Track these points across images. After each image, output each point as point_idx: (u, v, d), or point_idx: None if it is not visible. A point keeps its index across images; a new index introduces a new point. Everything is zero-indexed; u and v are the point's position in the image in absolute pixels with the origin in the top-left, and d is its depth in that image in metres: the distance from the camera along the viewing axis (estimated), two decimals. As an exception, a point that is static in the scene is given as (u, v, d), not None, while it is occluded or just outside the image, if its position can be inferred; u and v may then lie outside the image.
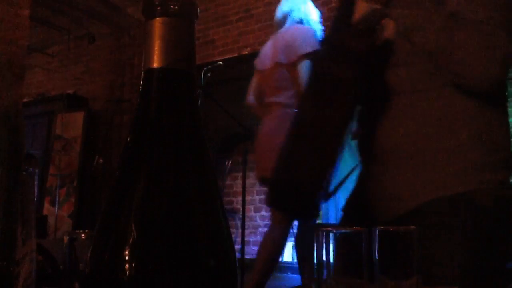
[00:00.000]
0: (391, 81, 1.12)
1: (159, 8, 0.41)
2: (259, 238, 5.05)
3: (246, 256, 3.91)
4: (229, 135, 4.78)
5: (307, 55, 2.35)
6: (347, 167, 4.31)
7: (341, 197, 4.59)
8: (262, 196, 5.10)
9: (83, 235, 0.55)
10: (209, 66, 3.13)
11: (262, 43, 5.26)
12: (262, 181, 2.57)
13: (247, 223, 4.62)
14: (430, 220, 1.00)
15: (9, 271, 0.52)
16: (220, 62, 3.21)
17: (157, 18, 0.41)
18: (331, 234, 0.57)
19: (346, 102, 1.13)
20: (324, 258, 0.56)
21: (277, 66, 2.57)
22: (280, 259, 4.72)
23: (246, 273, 3.14)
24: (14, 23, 0.74)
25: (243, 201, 2.87)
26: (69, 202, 5.78)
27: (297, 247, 2.65)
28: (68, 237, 0.55)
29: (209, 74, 3.10)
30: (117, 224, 0.39)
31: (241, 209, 2.88)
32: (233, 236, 0.43)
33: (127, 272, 0.37)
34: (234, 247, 0.42)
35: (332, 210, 4.19)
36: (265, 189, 5.29)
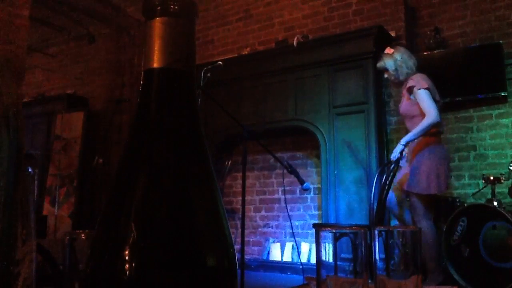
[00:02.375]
0: None
1: (159, 8, 0.41)
2: (259, 238, 5.05)
3: (246, 256, 3.91)
4: (229, 135, 4.78)
5: None
6: (348, 168, 4.29)
7: (341, 198, 4.60)
8: (262, 196, 5.10)
9: (83, 235, 0.55)
10: (209, 66, 3.13)
11: (262, 43, 5.28)
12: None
13: (247, 223, 4.62)
14: None
15: (9, 271, 0.52)
16: (220, 62, 3.22)
17: (157, 18, 0.41)
18: (331, 234, 0.57)
19: None
20: (324, 258, 0.56)
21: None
22: (280, 259, 4.72)
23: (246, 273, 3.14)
24: (14, 23, 0.74)
25: (243, 201, 2.86)
26: (69, 202, 5.78)
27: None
28: (68, 237, 0.55)
29: (209, 74, 3.11)
30: (117, 224, 0.39)
31: (241, 209, 2.87)
32: (233, 236, 0.43)
33: (127, 272, 0.37)
34: (233, 247, 0.42)
35: (332, 210, 4.19)
36: (260, 189, 5.22)
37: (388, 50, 3.38)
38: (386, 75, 3.42)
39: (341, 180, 4.20)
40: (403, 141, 3.23)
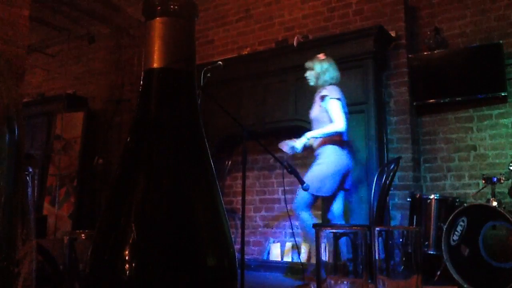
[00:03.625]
0: None
1: (159, 8, 0.41)
2: (259, 238, 5.05)
3: (246, 256, 3.91)
4: (229, 135, 4.78)
5: None
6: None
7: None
8: (262, 196, 5.10)
9: (83, 235, 0.55)
10: (209, 66, 3.15)
11: (262, 43, 5.28)
12: None
13: (247, 223, 4.61)
14: None
15: (9, 271, 0.52)
16: (220, 62, 3.25)
17: (157, 18, 0.41)
18: (331, 234, 0.57)
19: None
20: (324, 258, 0.56)
21: None
22: (280, 259, 4.72)
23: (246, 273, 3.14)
24: (14, 23, 0.74)
25: (243, 201, 2.87)
26: (69, 202, 5.78)
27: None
28: (68, 237, 0.55)
29: (209, 74, 3.13)
30: (117, 224, 0.39)
31: (241, 209, 2.88)
32: (233, 236, 0.43)
33: (127, 272, 0.37)
34: (233, 247, 0.42)
35: (331, 210, 4.19)
36: (260, 189, 5.24)
37: (321, 56, 3.70)
38: (307, 74, 3.71)
39: (341, 180, 4.20)
40: (308, 135, 3.47)
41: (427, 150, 4.37)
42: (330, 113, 3.44)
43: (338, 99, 3.45)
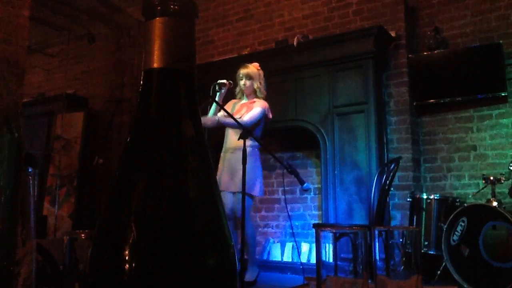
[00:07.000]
0: None
1: (159, 8, 0.41)
2: (259, 238, 5.05)
3: (246, 256, 3.91)
4: (229, 135, 4.77)
5: None
6: (348, 168, 4.30)
7: (341, 199, 4.60)
8: (262, 196, 5.10)
9: (83, 235, 0.55)
10: (218, 82, 3.46)
11: (262, 43, 5.28)
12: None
13: (247, 223, 4.61)
14: None
15: (9, 271, 0.52)
16: (231, 81, 3.59)
17: (157, 18, 0.41)
18: (331, 234, 0.57)
19: None
20: (324, 258, 0.56)
21: None
22: (280, 259, 4.72)
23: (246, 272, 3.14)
24: (14, 23, 0.74)
25: (243, 200, 2.87)
26: (69, 202, 5.78)
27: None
28: (68, 237, 0.55)
29: (217, 89, 3.46)
30: (117, 224, 0.39)
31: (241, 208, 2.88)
32: (232, 236, 0.43)
33: (127, 272, 0.37)
34: (234, 247, 0.42)
35: (332, 210, 4.19)
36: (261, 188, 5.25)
37: (256, 66, 3.83)
38: (246, 83, 3.74)
39: (341, 180, 4.20)
40: (221, 116, 3.54)
41: (427, 150, 4.37)
42: (250, 112, 3.52)
43: (268, 116, 3.61)
